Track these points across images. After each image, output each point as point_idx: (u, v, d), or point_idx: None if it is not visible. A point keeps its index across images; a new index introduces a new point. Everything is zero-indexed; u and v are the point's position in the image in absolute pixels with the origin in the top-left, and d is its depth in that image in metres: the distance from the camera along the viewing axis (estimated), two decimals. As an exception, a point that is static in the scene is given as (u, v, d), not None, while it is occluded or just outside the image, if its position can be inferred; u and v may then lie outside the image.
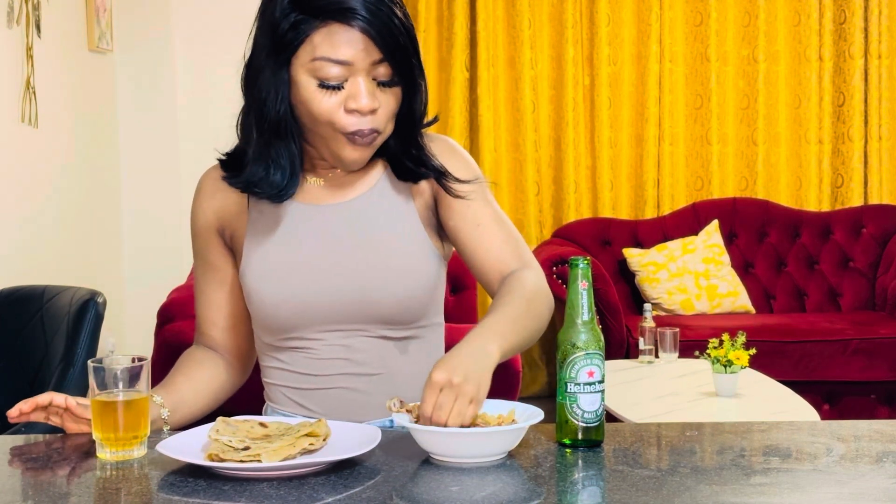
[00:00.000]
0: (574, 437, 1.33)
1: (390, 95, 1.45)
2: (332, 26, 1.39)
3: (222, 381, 1.62)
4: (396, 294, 1.50)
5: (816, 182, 5.01)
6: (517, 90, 4.93)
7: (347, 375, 1.53)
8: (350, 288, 1.49)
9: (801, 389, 3.46)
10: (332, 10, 1.38)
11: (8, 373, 2.60)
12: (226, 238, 1.59)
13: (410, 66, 1.44)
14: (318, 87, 1.42)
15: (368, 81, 1.42)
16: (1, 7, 3.24)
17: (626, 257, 4.69)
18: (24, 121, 3.39)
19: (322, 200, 1.54)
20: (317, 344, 1.52)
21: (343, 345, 1.52)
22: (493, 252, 1.53)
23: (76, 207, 3.87)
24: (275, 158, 1.48)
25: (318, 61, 1.40)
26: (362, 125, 1.42)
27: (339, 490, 1.17)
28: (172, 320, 3.15)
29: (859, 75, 4.94)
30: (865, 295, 4.75)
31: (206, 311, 1.62)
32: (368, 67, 1.41)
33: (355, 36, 1.39)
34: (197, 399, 1.57)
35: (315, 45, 1.40)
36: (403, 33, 1.42)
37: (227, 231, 1.58)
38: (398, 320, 1.52)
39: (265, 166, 1.48)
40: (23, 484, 1.27)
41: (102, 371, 1.33)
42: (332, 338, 1.52)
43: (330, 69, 1.40)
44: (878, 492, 1.15)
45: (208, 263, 1.61)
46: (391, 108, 1.45)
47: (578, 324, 1.33)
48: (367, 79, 1.41)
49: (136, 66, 4.38)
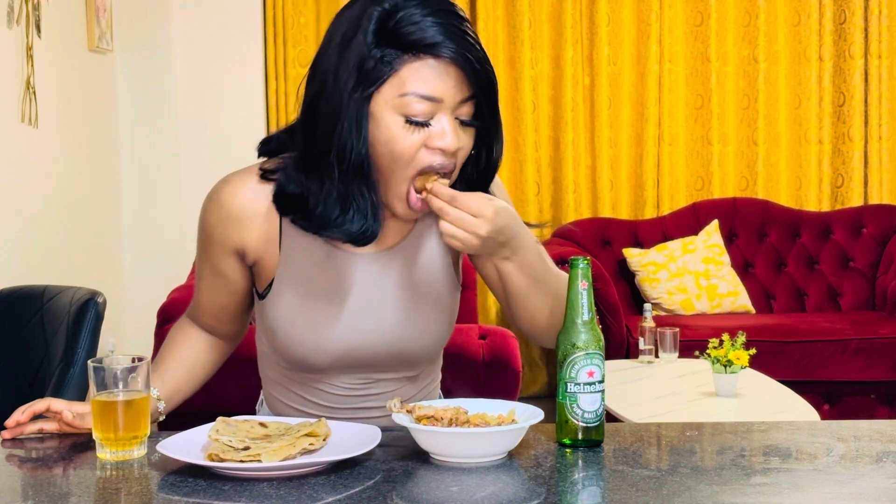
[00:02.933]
0: (574, 437, 1.33)
1: (469, 136, 1.39)
2: (423, 60, 1.33)
3: (215, 360, 1.61)
4: (428, 344, 1.51)
5: (816, 182, 5.01)
6: (517, 90, 4.93)
7: (361, 409, 1.53)
8: (382, 339, 1.48)
9: (801, 389, 3.46)
10: (425, 44, 1.32)
11: (8, 373, 2.59)
12: (247, 261, 1.49)
13: (495, 105, 1.40)
14: (404, 124, 1.34)
15: (452, 119, 1.36)
16: (1, 7, 3.24)
17: (626, 257, 4.69)
18: (24, 121, 3.39)
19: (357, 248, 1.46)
20: (337, 382, 1.52)
21: (362, 383, 1.52)
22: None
23: (76, 207, 3.87)
24: (354, 201, 1.38)
25: (407, 97, 1.33)
26: (446, 166, 1.36)
27: (339, 490, 1.17)
28: (172, 320, 3.15)
29: (859, 75, 4.94)
30: (865, 295, 4.75)
31: (204, 305, 1.58)
32: (455, 105, 1.35)
33: (446, 70, 1.34)
34: (190, 384, 1.57)
35: (403, 80, 1.33)
36: (492, 70, 1.39)
37: (249, 256, 1.48)
38: (423, 363, 1.55)
39: (341, 209, 1.38)
40: (23, 484, 1.27)
41: (102, 371, 1.33)
42: (354, 379, 1.52)
43: (418, 105, 1.33)
44: (878, 492, 1.15)
45: (217, 272, 1.52)
46: (468, 150, 1.39)
47: (578, 324, 1.34)
48: (450, 117, 1.36)
49: (136, 66, 4.38)
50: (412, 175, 1.36)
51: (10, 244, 3.31)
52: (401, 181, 1.37)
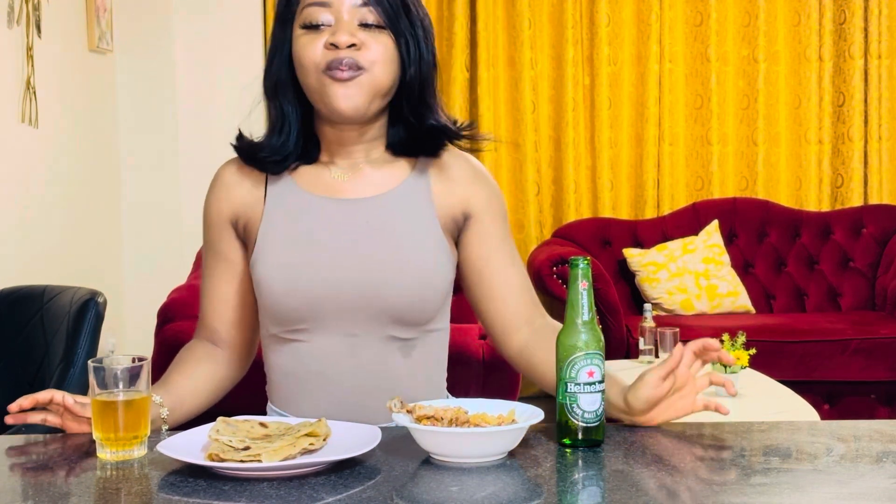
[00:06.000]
0: (574, 437, 1.33)
1: (377, 39, 1.47)
2: None
3: (221, 377, 1.62)
4: (408, 292, 1.50)
5: (816, 182, 5.01)
6: (517, 90, 4.93)
7: (350, 373, 1.52)
8: (360, 281, 1.49)
9: (801, 389, 3.46)
10: None
11: (8, 373, 2.60)
12: (238, 229, 1.58)
13: (395, 10, 1.47)
14: (304, 33, 1.47)
15: (352, 22, 1.46)
16: (1, 7, 3.24)
17: (626, 257, 4.70)
18: (24, 121, 3.39)
19: (342, 195, 1.54)
20: (322, 338, 1.52)
21: (349, 342, 1.52)
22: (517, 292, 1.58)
23: (76, 207, 3.87)
24: (274, 122, 1.54)
25: (306, 9, 1.47)
26: (340, 55, 1.45)
27: (339, 490, 1.17)
28: (172, 320, 3.15)
29: (859, 75, 4.94)
30: (865, 295, 4.75)
31: (212, 304, 1.61)
32: (352, 10, 1.46)
33: None
34: (195, 397, 1.57)
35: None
36: None
37: (240, 222, 1.58)
38: (407, 320, 1.51)
39: (271, 130, 1.54)
40: (23, 484, 1.27)
41: (102, 371, 1.33)
42: (338, 333, 1.51)
43: (310, 12, 1.47)
44: (878, 492, 1.15)
45: (219, 255, 1.60)
46: (378, 50, 1.47)
47: (578, 324, 1.34)
48: (350, 21, 1.46)
49: (136, 66, 4.38)
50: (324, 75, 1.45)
51: (10, 244, 3.31)
52: (320, 86, 1.46)
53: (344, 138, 1.54)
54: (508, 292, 1.57)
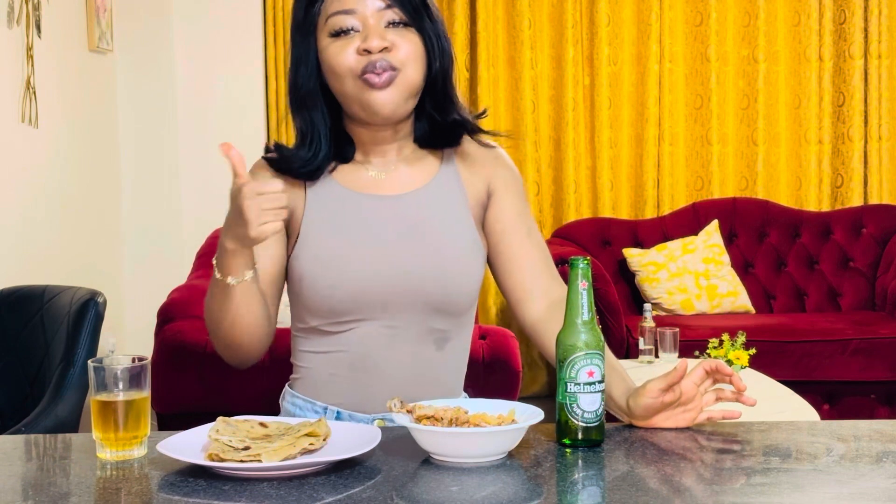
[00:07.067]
0: (574, 437, 1.33)
1: (405, 38, 1.50)
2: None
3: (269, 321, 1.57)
4: (449, 282, 1.54)
5: (816, 182, 5.01)
6: (517, 90, 4.93)
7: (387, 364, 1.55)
8: (404, 274, 1.53)
9: (801, 389, 3.46)
10: None
11: (8, 373, 2.60)
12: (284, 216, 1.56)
13: (416, 7, 1.50)
14: (333, 42, 1.49)
15: (379, 26, 1.49)
16: (1, 7, 3.24)
17: (626, 257, 4.69)
18: (24, 121, 3.39)
19: (379, 191, 1.58)
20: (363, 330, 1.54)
21: (389, 333, 1.54)
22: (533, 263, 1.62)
23: (76, 207, 3.87)
24: (305, 133, 1.55)
25: (331, 18, 1.50)
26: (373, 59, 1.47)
27: (339, 490, 1.17)
28: (172, 320, 3.15)
29: (859, 75, 4.94)
30: (865, 295, 4.75)
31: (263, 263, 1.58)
32: (377, 14, 1.49)
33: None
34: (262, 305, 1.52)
35: (326, 7, 1.51)
36: None
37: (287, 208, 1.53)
38: (447, 309, 1.56)
39: (301, 141, 1.56)
40: (23, 484, 1.27)
41: (102, 371, 1.33)
42: (379, 325, 1.54)
43: (336, 20, 1.49)
44: (878, 492, 1.15)
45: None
46: (408, 49, 1.50)
47: (578, 324, 1.34)
48: (374, 23, 1.48)
49: (136, 66, 4.38)
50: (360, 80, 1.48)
51: (10, 244, 3.31)
52: (357, 92, 1.49)
53: (378, 138, 1.57)
54: (525, 264, 1.62)
